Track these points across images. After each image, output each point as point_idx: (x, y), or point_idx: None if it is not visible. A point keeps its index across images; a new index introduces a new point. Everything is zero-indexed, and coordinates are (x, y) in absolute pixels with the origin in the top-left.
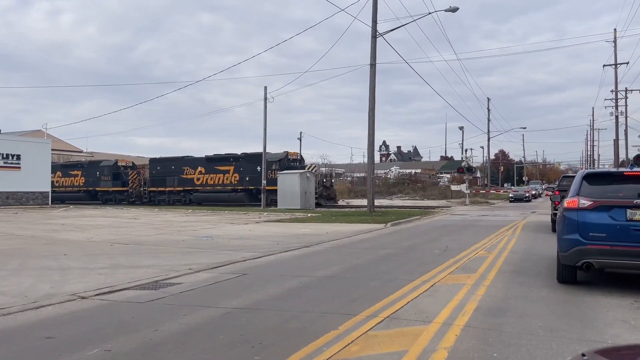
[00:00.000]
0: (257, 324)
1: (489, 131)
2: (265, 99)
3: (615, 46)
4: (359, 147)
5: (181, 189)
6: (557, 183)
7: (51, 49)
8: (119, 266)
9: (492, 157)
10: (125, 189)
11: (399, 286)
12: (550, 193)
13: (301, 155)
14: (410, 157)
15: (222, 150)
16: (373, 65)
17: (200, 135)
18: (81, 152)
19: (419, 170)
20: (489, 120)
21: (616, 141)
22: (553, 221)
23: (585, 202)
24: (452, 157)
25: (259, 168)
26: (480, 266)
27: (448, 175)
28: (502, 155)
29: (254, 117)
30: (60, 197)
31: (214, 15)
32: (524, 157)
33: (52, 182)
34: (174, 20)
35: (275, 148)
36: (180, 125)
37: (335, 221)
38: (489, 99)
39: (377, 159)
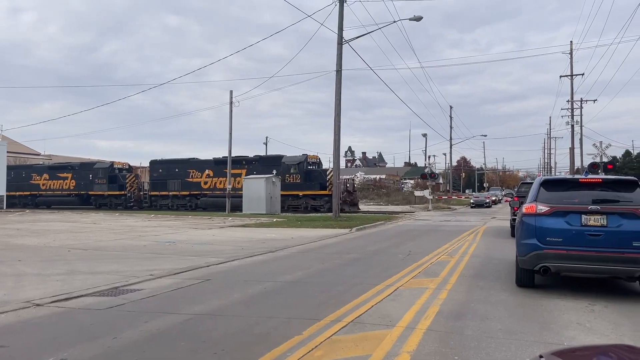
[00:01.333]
0: (221, 330)
1: (451, 138)
2: (231, 103)
3: (571, 58)
4: (325, 153)
5: (187, 193)
6: (516, 189)
7: (9, 48)
8: (77, 272)
9: (454, 163)
10: (123, 193)
11: (363, 290)
12: (509, 199)
13: (319, 159)
14: (375, 163)
15: (199, 154)
16: (339, 71)
17: (165, 139)
18: (39, 154)
19: (383, 176)
20: (451, 127)
21: (572, 149)
22: (512, 226)
23: (542, 208)
24: (415, 163)
25: (275, 171)
26: (443, 270)
27: (412, 181)
28: (464, 162)
29: (220, 121)
30: (47, 202)
31: (181, 17)
32: (484, 163)
33: (38, 185)
34: (140, 21)
35: (241, 151)
36: (144, 129)
37: (301, 226)
38: (451, 107)
39: (342, 164)
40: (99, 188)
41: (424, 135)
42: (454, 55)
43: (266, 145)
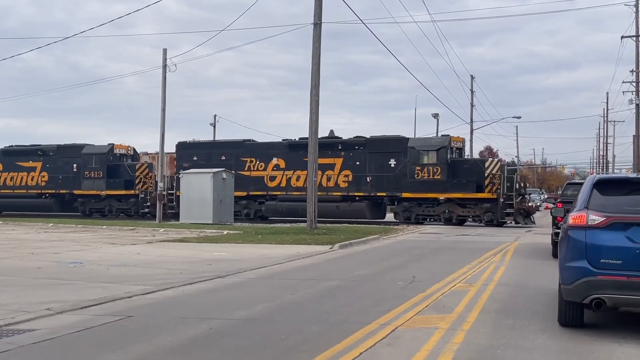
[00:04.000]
0: None
1: (472, 121)
2: (165, 66)
3: (637, 12)
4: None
5: (244, 193)
6: (560, 192)
7: None
8: None
9: (475, 155)
10: (132, 192)
11: (348, 332)
12: (551, 205)
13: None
14: None
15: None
16: (318, 24)
17: (72, 116)
18: None
19: None
20: (472, 106)
21: (636, 137)
22: (555, 243)
23: (595, 218)
24: None
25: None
26: (458, 304)
27: None
28: (489, 153)
29: (150, 92)
30: (1, 205)
31: None
32: (517, 156)
33: None
34: None
35: (182, 135)
36: (41, 101)
37: (262, 241)
38: (472, 77)
39: None
40: (91, 185)
41: (435, 116)
42: (479, 5)
43: (214, 127)
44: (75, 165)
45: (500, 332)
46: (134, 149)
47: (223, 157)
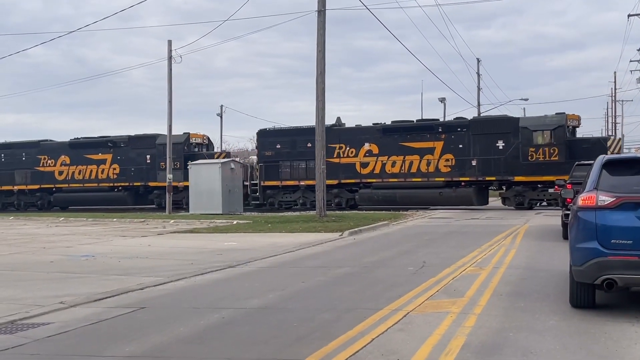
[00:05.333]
0: None
1: (479, 104)
2: (170, 58)
3: None
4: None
5: (335, 181)
6: (569, 174)
7: None
8: None
9: None
10: None
11: (360, 318)
12: (560, 187)
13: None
14: None
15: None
16: (322, 12)
17: (79, 110)
18: None
19: None
20: (479, 89)
21: None
22: (565, 225)
23: (605, 199)
24: None
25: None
26: (470, 288)
27: None
28: None
29: (157, 84)
30: (70, 200)
31: None
32: None
33: (52, 173)
34: None
35: (189, 127)
36: (49, 96)
37: (272, 230)
38: (478, 60)
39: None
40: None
41: (442, 100)
42: None
43: (221, 117)
44: (148, 157)
45: (512, 315)
46: (209, 138)
47: (309, 145)
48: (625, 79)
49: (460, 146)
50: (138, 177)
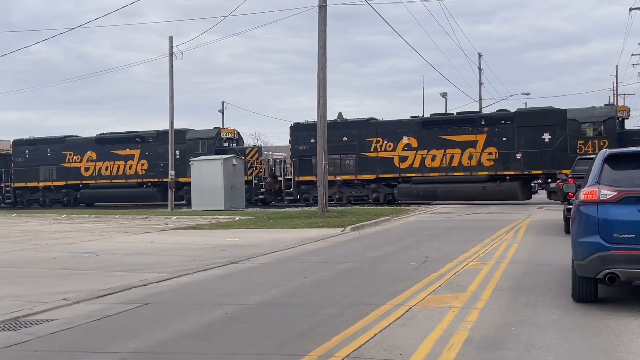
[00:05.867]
0: None
1: (480, 99)
2: (171, 54)
3: None
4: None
5: (372, 176)
6: (571, 168)
7: None
8: None
9: None
10: (245, 179)
11: (362, 313)
12: (562, 182)
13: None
14: None
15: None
16: (323, 7)
17: (82, 107)
18: None
19: None
20: (480, 83)
21: None
22: (567, 219)
23: (607, 193)
24: None
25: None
26: (472, 282)
27: None
28: None
29: (159, 80)
30: (96, 196)
31: None
32: None
33: (78, 169)
34: None
35: (191, 123)
36: (51, 93)
37: (274, 226)
38: (480, 55)
39: None
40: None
41: (444, 95)
42: None
43: (222, 114)
44: (178, 152)
45: (514, 309)
46: (238, 133)
47: (345, 139)
48: (627, 72)
49: (504, 139)
50: (167, 172)
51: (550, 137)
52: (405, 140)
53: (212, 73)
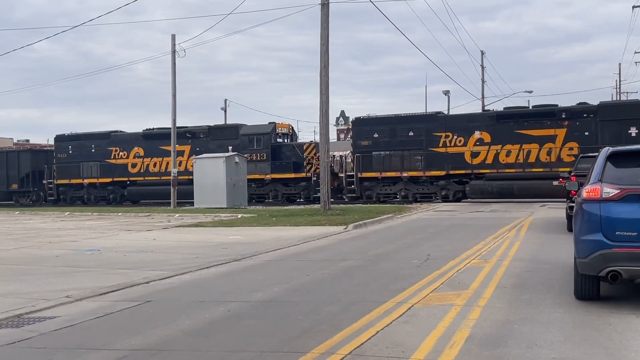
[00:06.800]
0: None
1: (483, 97)
2: (174, 52)
3: None
4: (308, 121)
5: (441, 173)
6: (574, 166)
7: None
8: None
9: None
10: (303, 175)
11: (364, 311)
12: (564, 179)
13: (292, 128)
14: None
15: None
16: (325, 5)
17: (85, 105)
18: None
19: None
20: (483, 81)
21: None
22: (569, 217)
23: (610, 191)
24: None
25: (230, 147)
26: (474, 280)
27: None
28: None
29: (162, 78)
30: (144, 193)
31: None
32: None
33: (125, 166)
34: None
35: (194, 120)
36: (54, 91)
37: (277, 224)
38: (482, 53)
39: (333, 135)
40: (253, 169)
41: (446, 92)
42: None
43: (225, 112)
44: (230, 148)
45: (517, 307)
46: (293, 128)
47: (411, 133)
48: (630, 70)
49: (586, 134)
50: None
51: (637, 131)
52: (477, 135)
53: (215, 71)
